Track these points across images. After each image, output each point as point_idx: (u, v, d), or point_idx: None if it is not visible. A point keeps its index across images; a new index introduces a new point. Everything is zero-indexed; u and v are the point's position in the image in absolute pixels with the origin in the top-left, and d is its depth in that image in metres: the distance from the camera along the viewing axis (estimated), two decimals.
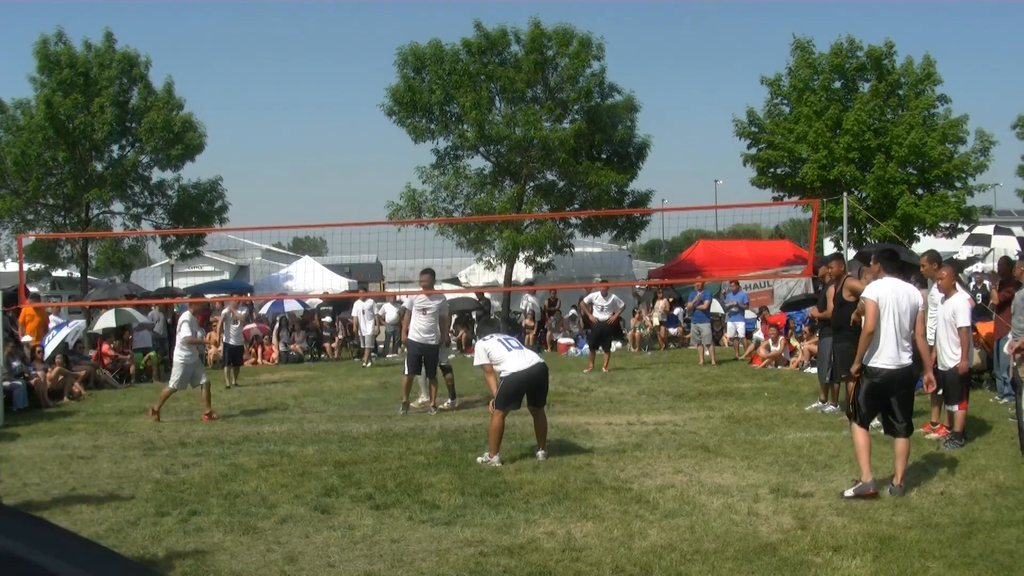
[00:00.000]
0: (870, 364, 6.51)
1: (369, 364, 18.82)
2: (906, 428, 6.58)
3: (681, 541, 5.43)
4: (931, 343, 8.88)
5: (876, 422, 6.86)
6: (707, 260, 25.96)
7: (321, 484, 7.16)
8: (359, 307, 19.87)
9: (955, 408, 8.29)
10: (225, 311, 16.18)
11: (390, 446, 8.86)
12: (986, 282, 15.76)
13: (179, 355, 11.43)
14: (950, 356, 8.41)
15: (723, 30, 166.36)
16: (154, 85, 24.54)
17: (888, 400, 6.55)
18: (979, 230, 24.22)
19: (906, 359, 6.50)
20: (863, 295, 6.80)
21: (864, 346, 6.52)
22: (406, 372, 11.49)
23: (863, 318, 6.66)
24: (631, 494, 6.60)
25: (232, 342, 15.83)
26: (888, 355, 6.46)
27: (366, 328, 19.48)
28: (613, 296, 16.60)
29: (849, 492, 6.37)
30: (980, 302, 12.95)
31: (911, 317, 6.53)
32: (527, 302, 22.90)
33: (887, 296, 6.49)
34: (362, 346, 19.77)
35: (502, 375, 7.91)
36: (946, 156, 22.82)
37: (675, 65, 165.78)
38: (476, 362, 8.33)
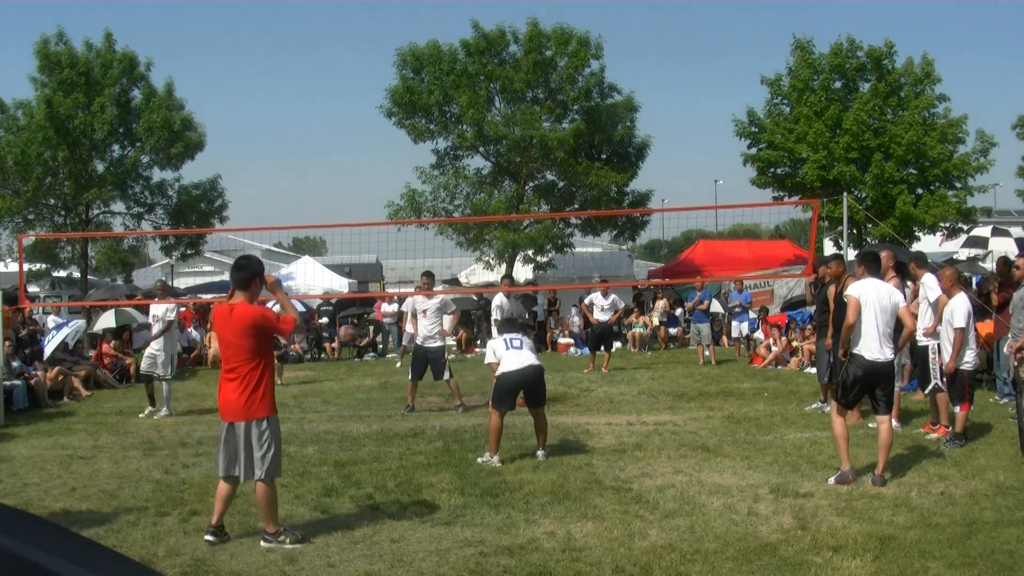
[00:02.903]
0: (855, 351, 6.97)
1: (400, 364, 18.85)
2: (886, 407, 7.06)
3: (681, 541, 5.43)
4: (925, 342, 8.94)
5: (872, 424, 7.21)
6: (707, 260, 25.98)
7: (321, 484, 7.16)
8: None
9: (956, 409, 8.33)
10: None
11: (390, 446, 8.85)
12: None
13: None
14: (949, 355, 8.46)
15: (723, 30, 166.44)
16: (155, 86, 24.57)
17: (872, 390, 7.02)
18: (976, 232, 24.24)
19: (888, 354, 6.97)
20: (847, 292, 7.30)
21: (846, 337, 7.03)
22: (410, 377, 11.52)
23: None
24: (631, 494, 6.60)
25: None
26: (871, 347, 6.91)
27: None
28: (613, 296, 16.60)
29: (831, 480, 6.79)
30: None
31: (891, 315, 6.98)
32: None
33: (870, 294, 6.97)
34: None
35: (496, 374, 8.01)
36: (945, 156, 22.84)
37: (675, 65, 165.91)
38: (485, 360, 8.58)
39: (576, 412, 11.01)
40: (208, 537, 5.62)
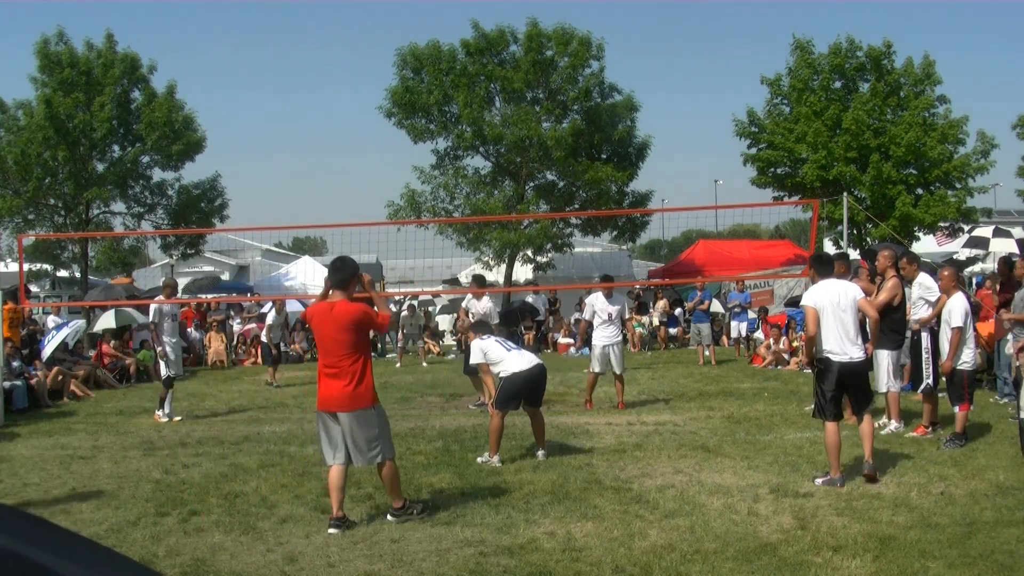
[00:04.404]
0: (822, 356, 6.93)
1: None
2: (860, 406, 7.04)
3: (681, 541, 5.43)
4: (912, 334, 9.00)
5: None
6: (707, 260, 25.98)
7: (321, 484, 7.14)
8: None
9: (956, 409, 8.32)
10: (271, 320, 16.11)
11: None
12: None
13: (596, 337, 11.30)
14: (946, 354, 8.45)
15: (723, 30, 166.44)
16: (157, 89, 24.55)
17: (847, 391, 6.98)
18: (978, 232, 24.22)
19: (855, 353, 6.90)
20: (802, 302, 7.27)
21: (809, 348, 7.04)
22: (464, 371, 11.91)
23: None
24: (631, 494, 6.60)
25: (277, 341, 15.99)
26: (835, 349, 6.86)
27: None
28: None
29: (819, 481, 6.76)
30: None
31: (852, 310, 6.95)
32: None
33: (823, 299, 6.93)
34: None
35: (502, 375, 7.91)
36: (945, 156, 22.83)
37: (675, 65, 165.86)
38: (472, 361, 8.35)
39: (576, 412, 11.01)
40: (331, 530, 5.78)
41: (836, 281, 7.12)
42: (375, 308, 6.21)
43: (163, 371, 11.40)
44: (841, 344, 6.82)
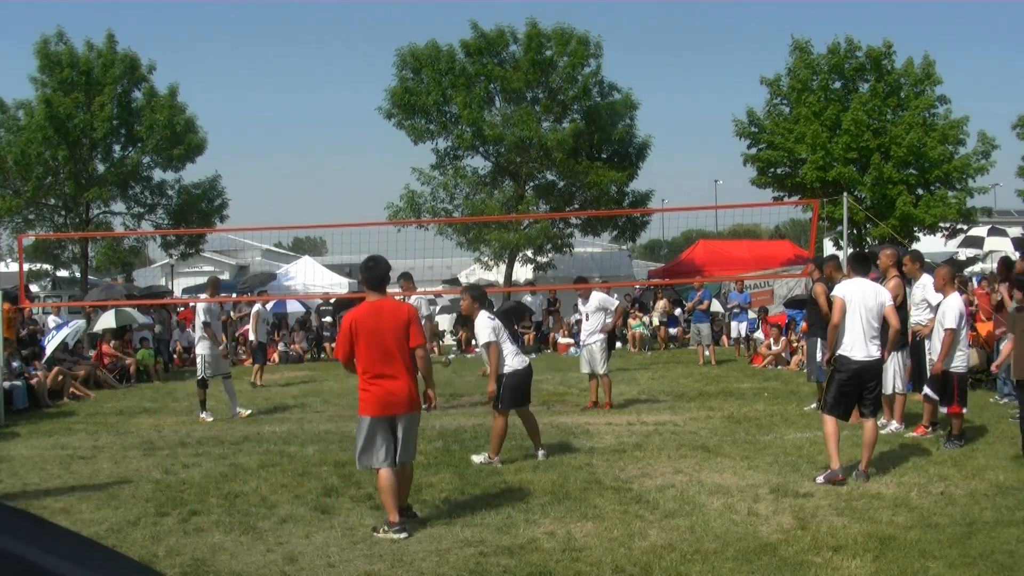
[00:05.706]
0: (841, 354, 7.01)
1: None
2: (872, 410, 7.15)
3: (681, 541, 5.43)
4: (913, 335, 9.01)
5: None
6: (707, 260, 25.99)
7: (321, 484, 7.16)
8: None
9: (944, 410, 8.27)
10: (256, 309, 16.05)
11: None
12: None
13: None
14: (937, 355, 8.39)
15: (723, 30, 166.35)
16: (158, 88, 24.55)
17: (860, 391, 7.05)
18: (973, 232, 24.20)
19: (875, 352, 7.02)
20: (832, 293, 7.40)
21: (832, 338, 7.08)
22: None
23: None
24: (631, 494, 6.60)
25: (263, 340, 15.93)
26: (857, 348, 6.95)
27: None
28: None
29: (820, 479, 6.81)
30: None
31: (878, 313, 7.04)
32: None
33: (853, 294, 7.03)
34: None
35: (504, 371, 7.83)
36: (946, 157, 22.82)
37: (675, 64, 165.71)
38: (483, 340, 7.77)
39: (576, 412, 11.01)
40: (401, 535, 5.61)
41: (869, 281, 7.25)
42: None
43: (201, 372, 11.26)
44: (863, 341, 6.93)
